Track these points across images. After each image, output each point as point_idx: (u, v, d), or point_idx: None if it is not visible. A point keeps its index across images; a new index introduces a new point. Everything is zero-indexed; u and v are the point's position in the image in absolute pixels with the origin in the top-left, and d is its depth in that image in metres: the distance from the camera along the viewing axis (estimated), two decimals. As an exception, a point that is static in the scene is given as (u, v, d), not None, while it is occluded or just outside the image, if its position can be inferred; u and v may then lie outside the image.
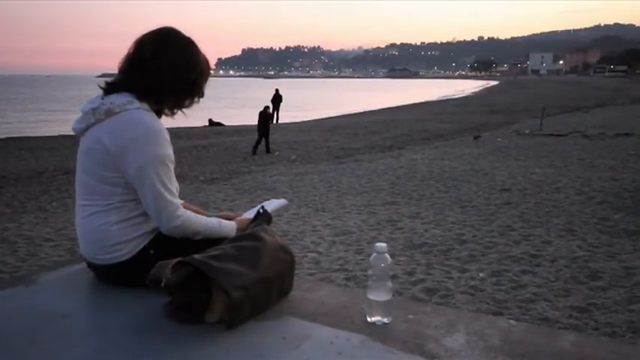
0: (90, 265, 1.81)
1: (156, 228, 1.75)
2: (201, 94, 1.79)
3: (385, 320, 1.52)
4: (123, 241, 1.69)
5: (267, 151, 14.11)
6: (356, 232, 5.23)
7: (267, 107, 15.53)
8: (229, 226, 1.84)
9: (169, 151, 1.67)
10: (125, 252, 1.70)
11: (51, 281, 1.87)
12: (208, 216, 1.91)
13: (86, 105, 1.69)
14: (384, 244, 1.50)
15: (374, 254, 1.50)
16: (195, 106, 1.84)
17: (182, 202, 1.85)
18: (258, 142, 14.19)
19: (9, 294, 1.77)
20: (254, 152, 13.85)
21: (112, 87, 1.70)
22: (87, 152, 1.68)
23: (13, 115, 32.24)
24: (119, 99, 1.64)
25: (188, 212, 1.72)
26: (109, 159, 1.63)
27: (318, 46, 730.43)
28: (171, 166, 1.68)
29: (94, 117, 1.65)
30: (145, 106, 1.67)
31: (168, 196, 1.65)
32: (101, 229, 1.68)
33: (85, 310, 1.71)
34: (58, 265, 2.09)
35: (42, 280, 1.88)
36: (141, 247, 1.72)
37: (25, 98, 52.80)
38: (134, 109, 1.64)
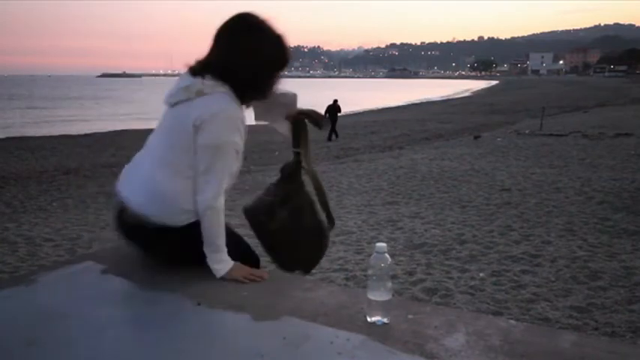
0: (131, 227, 1.83)
1: None
2: (269, 88, 1.87)
3: (385, 320, 1.52)
4: (188, 209, 1.77)
5: (329, 139, 15.98)
6: (356, 232, 5.23)
7: (335, 100, 17.22)
8: (225, 263, 1.81)
9: (236, 139, 1.76)
10: (184, 218, 1.78)
11: (51, 281, 1.86)
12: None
13: (179, 82, 1.79)
14: (384, 244, 1.50)
15: (374, 254, 1.50)
16: None
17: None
18: (332, 130, 16.40)
19: (9, 294, 1.76)
20: (329, 139, 16.12)
21: (203, 68, 1.78)
22: (172, 123, 1.78)
23: (13, 114, 32.22)
24: (209, 81, 1.75)
25: (222, 211, 1.77)
26: (192, 133, 1.72)
27: (318, 46, 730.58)
28: (233, 154, 1.77)
29: (185, 94, 1.75)
30: (229, 91, 1.76)
31: (216, 178, 1.74)
32: (173, 191, 1.76)
33: (85, 310, 1.71)
34: (58, 265, 2.08)
35: (42, 280, 1.87)
36: (195, 219, 1.78)
37: (25, 98, 52.78)
38: (221, 93, 1.74)
